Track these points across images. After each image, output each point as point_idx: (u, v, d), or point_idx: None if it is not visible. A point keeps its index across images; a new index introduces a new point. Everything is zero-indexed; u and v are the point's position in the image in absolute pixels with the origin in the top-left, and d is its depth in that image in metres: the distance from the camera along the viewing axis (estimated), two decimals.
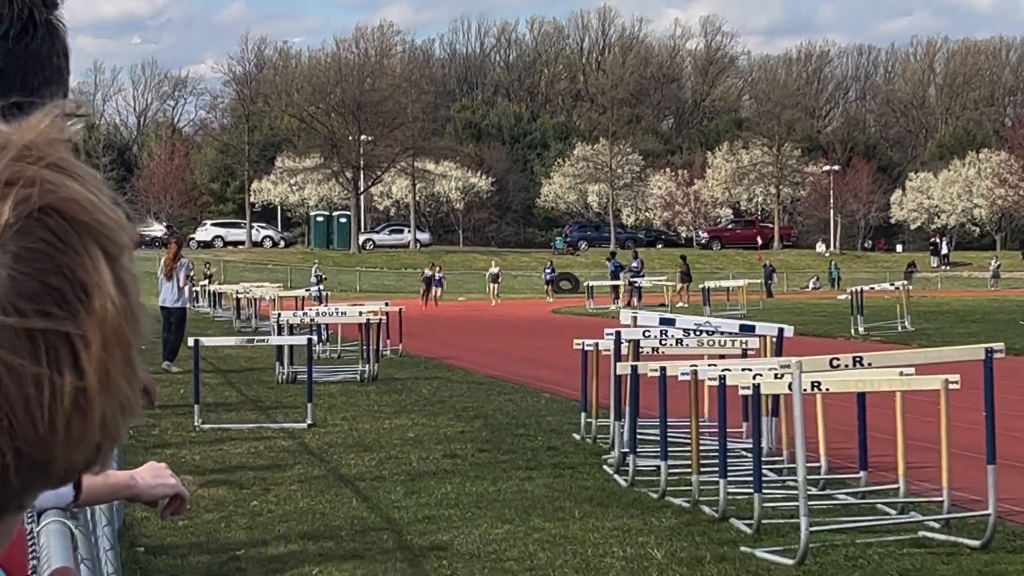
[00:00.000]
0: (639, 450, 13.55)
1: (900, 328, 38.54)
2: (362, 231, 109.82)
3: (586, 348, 16.76)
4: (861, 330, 37.75)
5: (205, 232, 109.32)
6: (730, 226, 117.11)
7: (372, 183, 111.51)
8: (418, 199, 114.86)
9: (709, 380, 12.29)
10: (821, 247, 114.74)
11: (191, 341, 19.02)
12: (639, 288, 63.84)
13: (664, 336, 14.96)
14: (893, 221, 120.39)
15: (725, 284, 61.90)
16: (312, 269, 73.06)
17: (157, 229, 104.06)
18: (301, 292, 43.03)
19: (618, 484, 13.35)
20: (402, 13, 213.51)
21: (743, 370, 11.87)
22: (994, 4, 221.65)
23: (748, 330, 15.22)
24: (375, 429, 17.83)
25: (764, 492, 11.13)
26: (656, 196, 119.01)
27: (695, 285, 63.02)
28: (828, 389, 11.35)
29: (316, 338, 26.24)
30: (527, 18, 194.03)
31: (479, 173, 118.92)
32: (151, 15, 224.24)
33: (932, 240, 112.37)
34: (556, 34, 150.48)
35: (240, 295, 46.47)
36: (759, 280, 73.76)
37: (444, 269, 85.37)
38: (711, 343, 15.09)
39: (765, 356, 14.26)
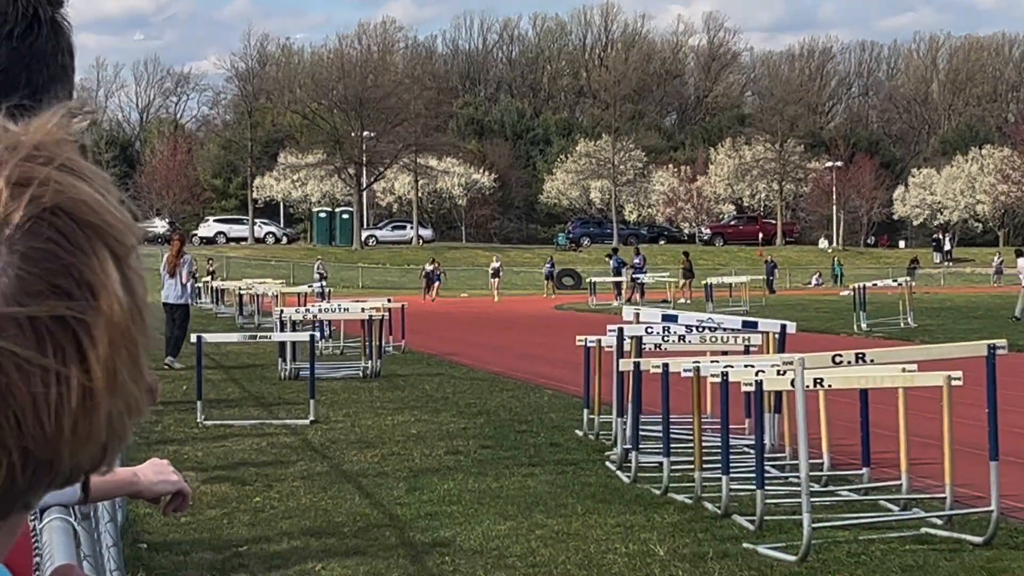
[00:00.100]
0: (641, 446, 13.56)
1: (903, 324, 38.53)
2: (365, 227, 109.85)
3: (588, 344, 16.75)
4: (864, 326, 37.75)
5: (208, 228, 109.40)
6: (733, 222, 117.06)
7: (375, 179, 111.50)
8: (421, 195, 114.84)
9: (711, 376, 12.27)
10: (824, 243, 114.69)
11: (194, 337, 19.03)
12: (642, 284, 63.84)
13: (666, 332, 14.97)
14: (896, 217, 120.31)
15: (728, 280, 61.87)
16: (315, 266, 73.02)
17: (160, 225, 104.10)
18: (304, 288, 43.02)
19: (620, 480, 13.36)
20: (404, 9, 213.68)
21: (746, 366, 11.87)
22: (997, 0, 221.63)
23: (751, 326, 15.22)
24: (377, 425, 17.84)
25: (766, 489, 11.12)
26: (659, 192, 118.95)
27: (698, 281, 63.04)
28: (831, 385, 11.34)
29: (319, 334, 26.24)
30: (530, 14, 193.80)
31: (482, 169, 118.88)
32: (154, 11, 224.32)
33: (935, 236, 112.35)
34: (559, 30, 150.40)
35: (243, 291, 46.45)
36: (762, 276, 73.76)
37: (447, 265, 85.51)
38: (713, 339, 15.07)
39: (768, 352, 14.26)
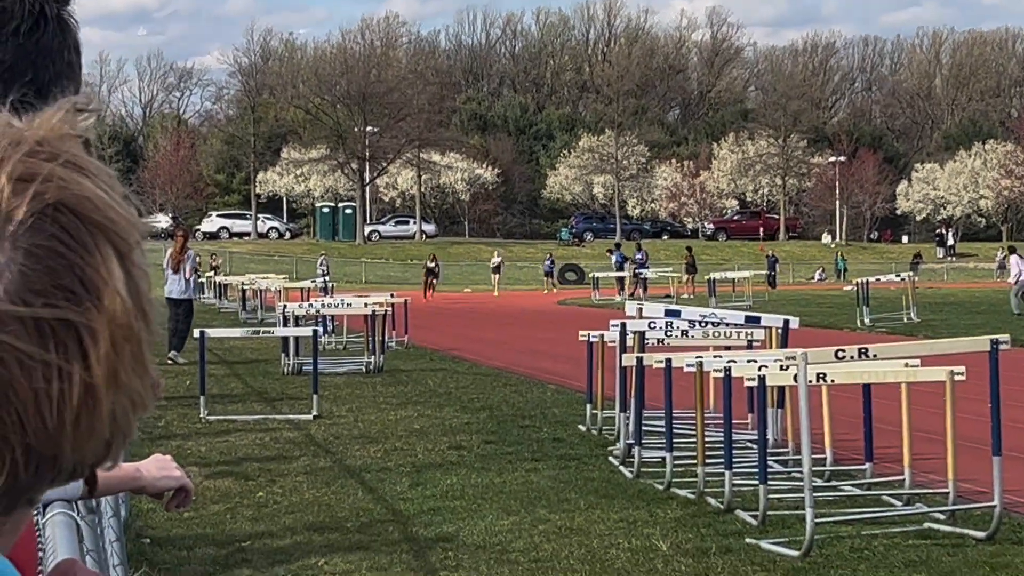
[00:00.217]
0: (644, 442, 13.56)
1: (906, 319, 38.52)
2: (367, 222, 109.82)
3: (591, 339, 16.76)
4: (867, 321, 37.74)
5: (211, 223, 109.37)
6: (736, 217, 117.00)
7: (377, 174, 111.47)
8: (423, 190, 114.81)
9: (714, 372, 12.28)
10: (827, 238, 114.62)
11: (196, 333, 19.04)
12: (644, 279, 63.83)
13: (669, 327, 14.96)
14: (899, 212, 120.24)
15: (731, 275, 61.84)
16: (318, 261, 73.00)
17: (163, 220, 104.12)
18: (307, 283, 43.03)
19: (623, 475, 13.36)
20: (407, 4, 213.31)
21: (748, 362, 11.86)
22: None
23: (754, 321, 15.22)
24: (381, 420, 17.84)
25: (769, 484, 11.13)
26: (662, 187, 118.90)
27: (701, 276, 63.00)
28: (833, 380, 11.34)
29: (322, 329, 26.24)
30: (533, 9, 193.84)
31: (485, 164, 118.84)
32: (157, 7, 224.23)
33: (938, 231, 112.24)
34: (562, 25, 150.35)
35: (246, 286, 46.48)
36: (765, 271, 73.74)
37: (450, 260, 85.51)
38: (716, 334, 15.07)
39: (770, 347, 14.26)
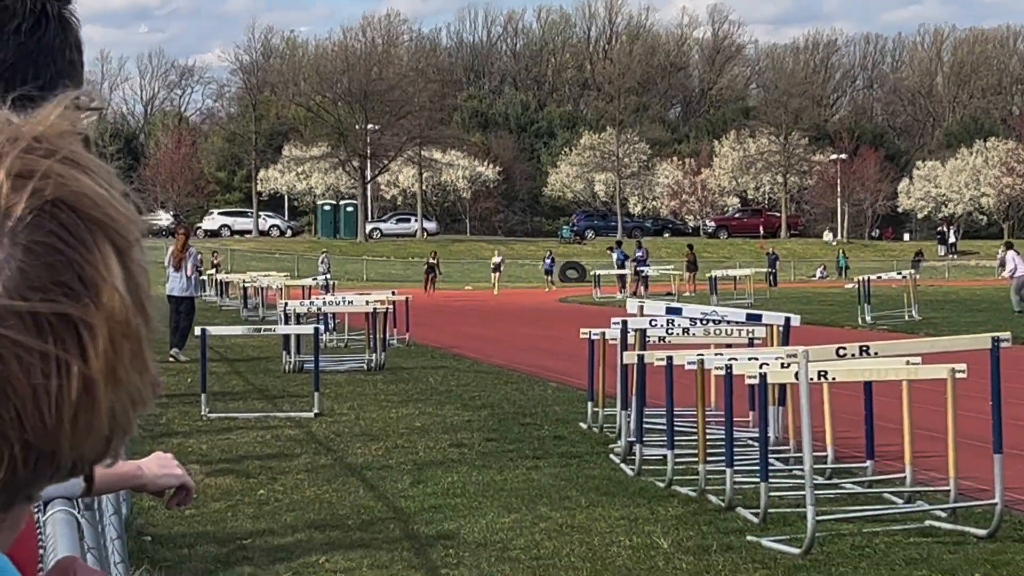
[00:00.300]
0: (646, 439, 13.56)
1: (907, 317, 38.51)
2: (369, 220, 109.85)
3: (593, 337, 16.76)
4: (868, 319, 37.74)
5: (212, 221, 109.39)
6: (737, 215, 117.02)
7: (379, 172, 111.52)
8: (425, 188, 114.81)
9: (716, 369, 12.28)
10: (828, 236, 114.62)
11: (198, 330, 19.04)
12: (645, 277, 63.84)
13: (670, 325, 14.96)
14: (900, 210, 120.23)
15: (732, 273, 61.83)
16: (319, 259, 72.99)
17: (164, 218, 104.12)
18: (308, 281, 43.03)
19: (625, 473, 13.36)
20: (409, 2, 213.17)
21: (750, 359, 11.87)
22: None
23: (755, 319, 15.22)
24: (382, 418, 17.84)
25: (770, 481, 11.13)
26: (663, 185, 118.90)
27: (702, 274, 63.00)
28: (835, 378, 11.34)
29: (323, 327, 26.24)
30: (534, 7, 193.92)
31: (486, 162, 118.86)
32: (158, 4, 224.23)
33: (939, 229, 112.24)
34: (563, 23, 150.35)
35: (247, 284, 46.49)
36: (766, 269, 73.72)
37: (451, 258, 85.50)
38: (717, 332, 15.08)
39: (772, 345, 14.26)
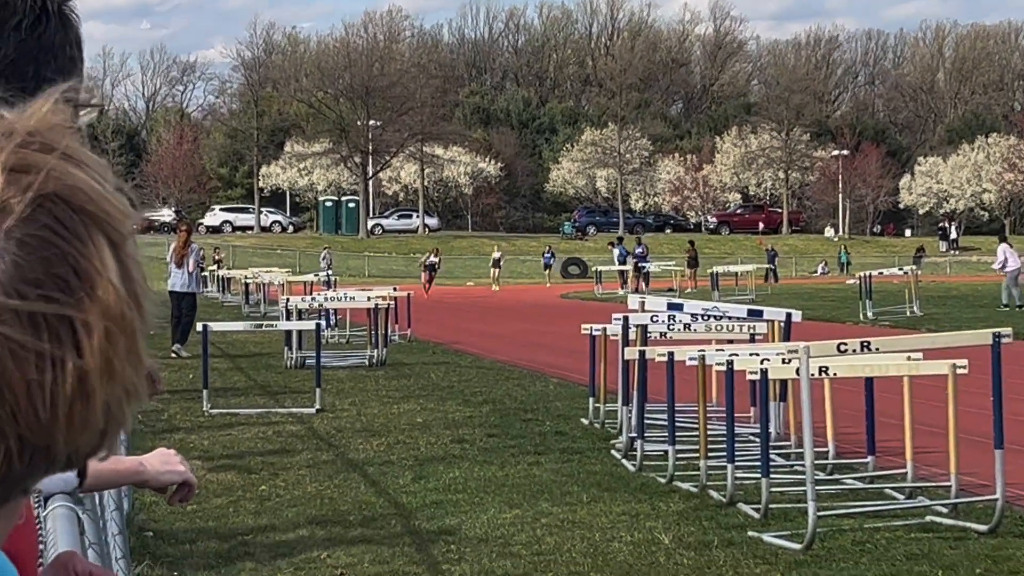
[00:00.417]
0: (647, 435, 13.56)
1: (908, 313, 38.50)
2: (371, 216, 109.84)
3: (594, 333, 16.76)
4: (869, 315, 37.72)
5: (214, 217, 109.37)
6: (739, 211, 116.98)
7: (381, 168, 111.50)
8: (427, 184, 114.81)
9: (717, 365, 12.27)
10: (830, 232, 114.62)
11: (199, 326, 19.04)
12: (647, 273, 63.81)
13: (672, 321, 14.96)
14: (902, 206, 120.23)
15: (733, 269, 61.83)
16: (321, 255, 72.96)
17: (166, 214, 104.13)
18: (310, 277, 43.02)
19: (626, 469, 13.37)
20: None
21: (751, 355, 11.86)
22: None
23: (756, 315, 15.22)
24: (383, 414, 17.85)
25: (772, 477, 11.13)
26: (665, 181, 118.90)
27: (703, 270, 62.99)
28: (836, 374, 11.33)
29: (324, 323, 26.25)
30: (536, 3, 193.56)
31: (488, 158, 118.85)
32: (159, 0, 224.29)
33: (941, 225, 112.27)
34: (565, 19, 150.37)
35: (249, 280, 46.49)
36: (772, 266, 73.73)
37: (453, 254, 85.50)
38: (719, 328, 15.07)
39: (773, 341, 14.25)
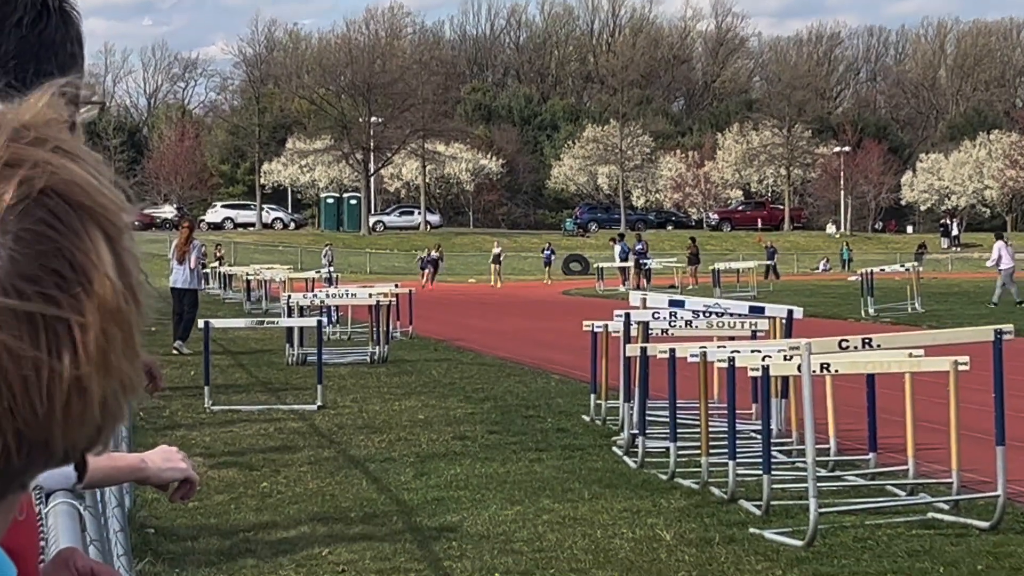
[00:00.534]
0: (648, 432, 13.56)
1: (910, 310, 38.50)
2: (372, 213, 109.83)
3: (596, 330, 16.75)
4: (871, 311, 37.72)
5: (215, 214, 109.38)
6: (740, 208, 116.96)
7: (382, 165, 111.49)
8: (428, 181, 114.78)
9: (718, 362, 12.28)
10: (831, 228, 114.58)
11: (201, 323, 19.04)
12: (648, 270, 63.79)
13: (673, 318, 14.96)
14: (903, 202, 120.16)
15: (735, 266, 61.83)
16: (323, 251, 72.98)
17: (168, 211, 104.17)
18: (311, 274, 43.04)
19: (627, 466, 13.37)
20: None
21: (752, 352, 11.86)
22: None
23: (757, 312, 15.23)
24: (385, 411, 17.85)
25: (773, 474, 11.14)
26: (666, 178, 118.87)
27: (705, 267, 62.98)
28: (837, 371, 11.33)
29: (326, 320, 26.25)
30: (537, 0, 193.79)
31: (489, 155, 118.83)
32: None
33: (942, 221, 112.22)
34: (566, 15, 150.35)
35: (250, 277, 46.50)
36: (772, 263, 73.72)
37: (454, 251, 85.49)
38: (720, 325, 15.08)
39: (774, 338, 14.26)
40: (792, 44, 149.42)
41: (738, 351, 11.90)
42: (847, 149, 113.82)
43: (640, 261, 64.36)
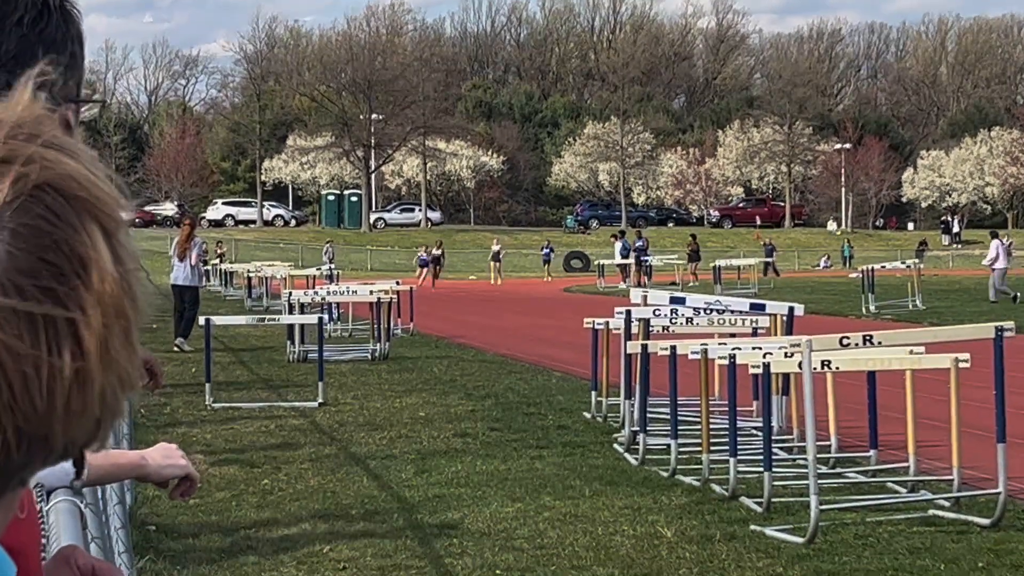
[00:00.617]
0: (649, 429, 13.56)
1: (911, 307, 38.49)
2: (373, 210, 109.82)
3: (596, 327, 16.76)
4: (872, 309, 37.72)
5: (216, 211, 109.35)
6: (741, 205, 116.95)
7: (383, 162, 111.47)
8: (429, 178, 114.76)
9: (719, 359, 12.28)
10: (832, 226, 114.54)
11: (202, 320, 19.03)
12: (649, 266, 63.76)
13: (674, 315, 14.96)
14: (904, 199, 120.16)
15: (736, 263, 61.79)
16: (324, 248, 72.93)
17: (169, 208, 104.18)
18: (312, 271, 43.03)
19: (628, 463, 13.37)
20: None
21: (753, 349, 11.86)
22: None
23: (758, 309, 15.22)
24: (386, 408, 17.85)
25: (774, 471, 11.14)
26: (667, 175, 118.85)
27: (705, 264, 62.94)
28: (838, 368, 11.33)
29: (327, 317, 26.25)
30: None
31: (490, 152, 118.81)
32: None
33: (943, 218, 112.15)
34: (567, 12, 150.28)
35: (251, 274, 46.50)
36: (770, 260, 73.68)
37: (455, 248, 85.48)
38: (721, 322, 15.07)
39: (775, 335, 14.26)
40: (793, 41, 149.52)
41: (739, 348, 11.91)
42: (848, 146, 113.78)
43: (641, 258, 64.32)
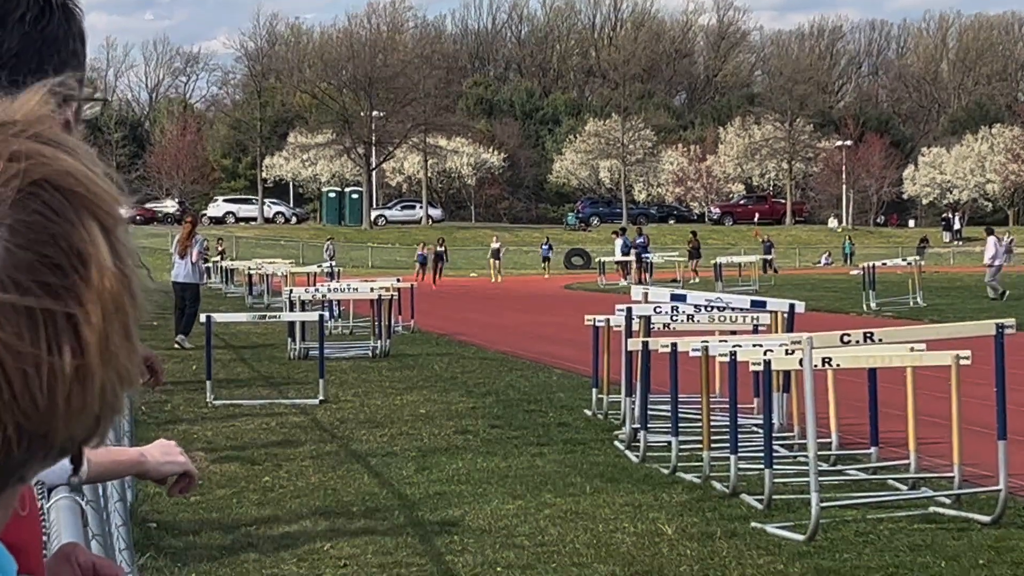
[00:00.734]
0: (650, 426, 13.56)
1: (912, 304, 38.50)
2: (374, 207, 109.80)
3: (597, 324, 16.76)
4: (873, 306, 37.72)
5: (217, 208, 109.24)
6: (742, 202, 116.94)
7: (384, 159, 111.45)
8: (430, 175, 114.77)
9: (720, 356, 12.28)
10: (833, 223, 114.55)
11: (203, 317, 19.03)
12: (650, 264, 63.75)
13: (675, 312, 14.96)
14: (905, 196, 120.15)
15: (737, 260, 61.79)
16: (324, 246, 72.91)
17: (170, 205, 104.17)
18: (313, 268, 43.03)
19: (629, 460, 13.37)
20: None
21: (754, 346, 11.86)
22: None
23: (759, 306, 15.22)
24: (387, 405, 17.85)
25: (775, 468, 11.14)
26: (668, 172, 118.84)
27: (706, 261, 62.95)
28: (839, 365, 11.34)
29: (328, 314, 26.24)
30: None
31: (491, 149, 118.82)
32: None
33: (944, 215, 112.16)
34: (568, 9, 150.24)
35: (252, 271, 46.50)
36: (768, 257, 73.70)
37: (456, 245, 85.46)
38: (722, 319, 15.07)
39: (776, 332, 14.26)
40: (794, 38, 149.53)
41: (740, 345, 11.91)
42: (849, 143, 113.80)
43: (642, 255, 64.30)
